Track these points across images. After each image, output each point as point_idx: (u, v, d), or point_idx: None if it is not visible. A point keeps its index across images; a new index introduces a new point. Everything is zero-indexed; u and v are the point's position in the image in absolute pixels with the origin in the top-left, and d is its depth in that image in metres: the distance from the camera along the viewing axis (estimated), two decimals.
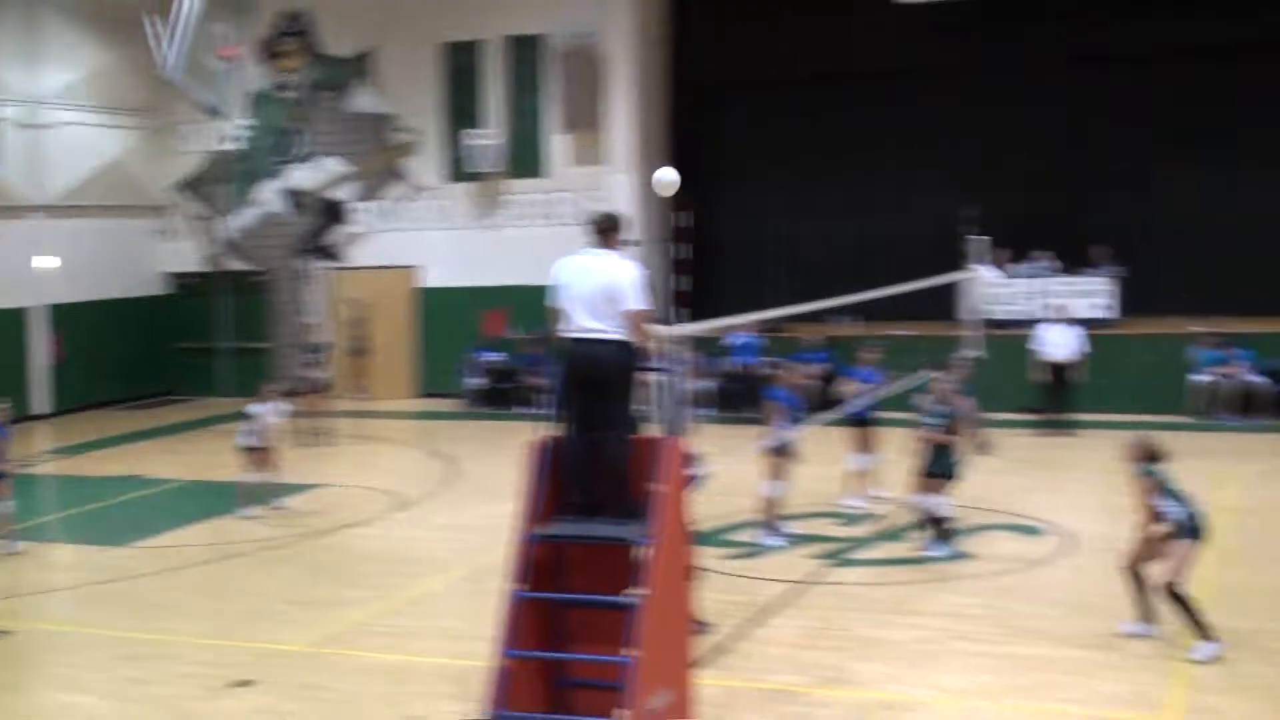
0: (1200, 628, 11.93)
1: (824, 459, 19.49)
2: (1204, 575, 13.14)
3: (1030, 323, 27.50)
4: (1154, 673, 11.55)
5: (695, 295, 31.18)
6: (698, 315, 26.37)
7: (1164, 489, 12.27)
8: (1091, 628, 12.81)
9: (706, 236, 33.30)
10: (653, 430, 10.51)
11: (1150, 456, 12.44)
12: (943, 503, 15.89)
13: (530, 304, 28.64)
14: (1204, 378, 25.69)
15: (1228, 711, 10.65)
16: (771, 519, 16.65)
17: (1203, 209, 30.66)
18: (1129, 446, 12.52)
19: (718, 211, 33.81)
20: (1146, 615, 12.52)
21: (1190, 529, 12.14)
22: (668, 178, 10.79)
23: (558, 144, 31.50)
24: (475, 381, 30.43)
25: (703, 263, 32.94)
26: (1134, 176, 31.03)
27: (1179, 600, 11.97)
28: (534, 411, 28.17)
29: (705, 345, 28.46)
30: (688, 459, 10.25)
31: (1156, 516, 12.23)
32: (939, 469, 15.90)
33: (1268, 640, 12.33)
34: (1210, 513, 15.00)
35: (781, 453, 16.36)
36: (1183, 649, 11.99)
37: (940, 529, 15.94)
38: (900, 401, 20.02)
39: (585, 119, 31.00)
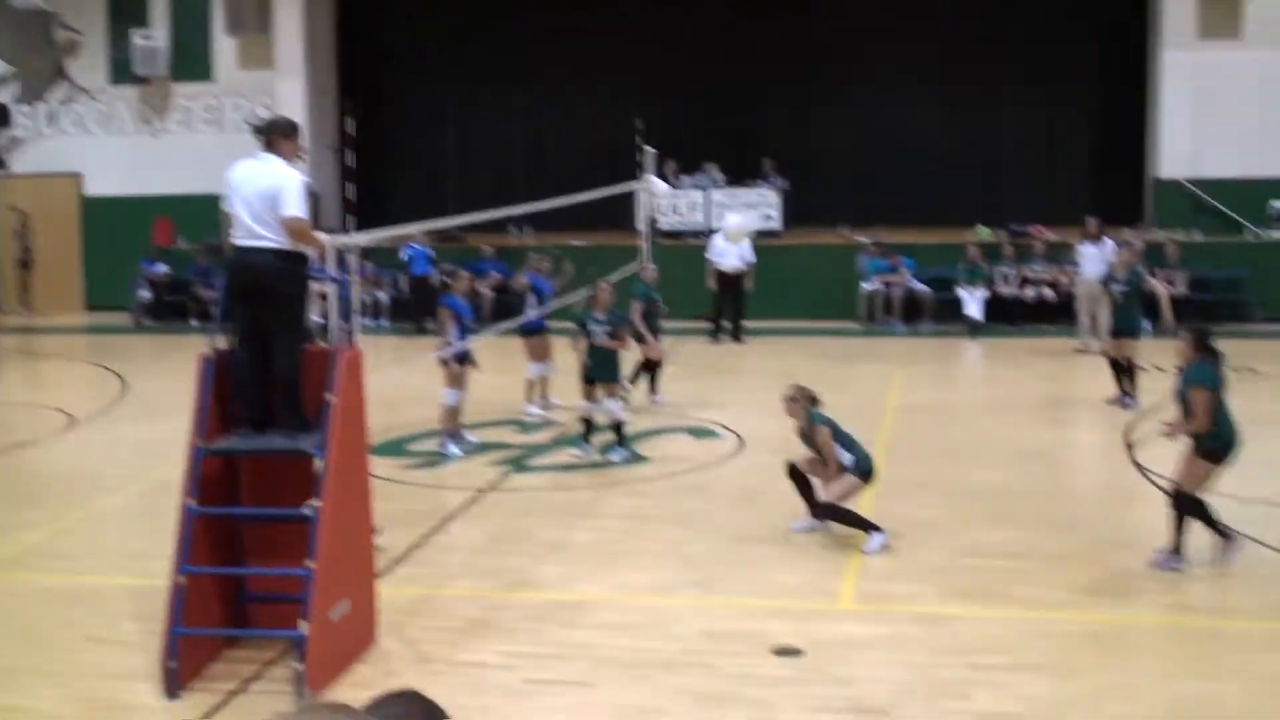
0: (864, 525, 12.27)
1: (502, 368, 19.43)
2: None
3: (701, 233, 27.92)
4: (827, 564, 11.83)
5: (367, 204, 30.67)
6: (370, 224, 25.94)
7: (837, 434, 12.51)
8: (766, 524, 13.05)
9: (378, 144, 32.81)
10: (324, 341, 10.24)
11: (812, 401, 12.68)
12: (615, 407, 15.98)
13: (199, 213, 27.83)
14: (870, 286, 26.46)
15: (895, 593, 11.00)
16: (452, 428, 16.51)
17: (865, 125, 31.57)
18: (789, 400, 12.69)
19: (390, 119, 33.35)
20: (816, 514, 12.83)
21: (863, 472, 12.46)
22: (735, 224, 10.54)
23: (225, 46, 30.50)
24: (145, 294, 29.39)
25: (375, 171, 32.46)
26: (799, 93, 31.71)
27: (836, 514, 12.28)
28: (206, 324, 27.46)
29: (378, 255, 28.07)
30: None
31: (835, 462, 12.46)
32: (606, 375, 15.99)
33: (929, 527, 12.78)
34: (880, 412, 15.44)
35: (458, 361, 16.22)
36: (856, 541, 12.32)
37: (618, 433, 16.05)
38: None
39: (251, 20, 30.04)
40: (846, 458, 12.48)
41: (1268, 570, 11.53)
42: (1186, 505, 11.34)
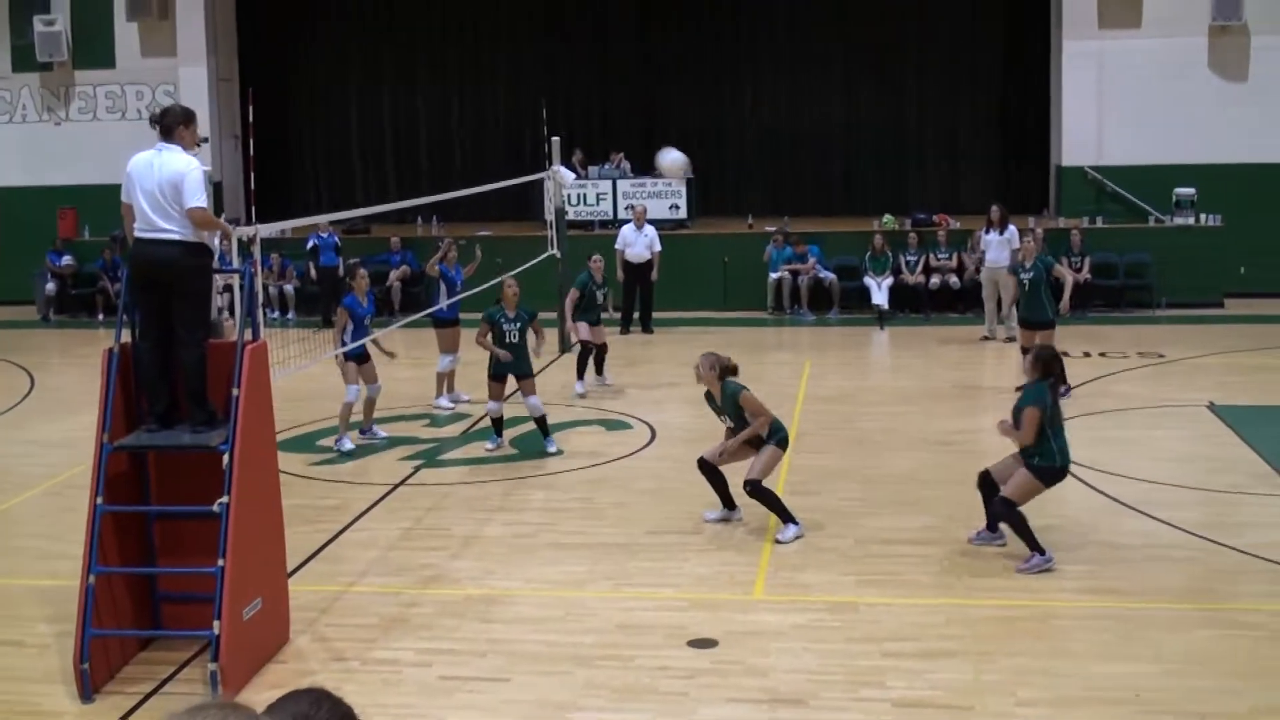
0: (782, 513, 12.31)
1: (413, 360, 19.29)
2: (785, 461, 13.58)
3: (609, 223, 27.87)
4: (740, 554, 11.86)
5: (271, 194, 30.44)
6: (274, 215, 25.71)
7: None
8: (679, 515, 13.06)
9: (282, 133, 32.51)
10: (229, 334, 10.12)
11: (727, 371, 12.70)
12: (535, 402, 15.88)
13: (104, 204, 27.31)
14: (778, 275, 26.53)
15: (808, 582, 11.05)
16: (353, 424, 16.38)
17: (772, 115, 31.67)
18: (705, 370, 12.69)
19: (295, 107, 33.05)
20: (728, 503, 12.85)
21: (779, 440, 12.49)
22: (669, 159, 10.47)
23: (127, 32, 30.05)
24: (50, 288, 28.88)
25: (279, 161, 32.17)
26: (705, 81, 31.75)
27: (762, 495, 12.30)
28: (110, 319, 27.07)
29: (283, 247, 27.80)
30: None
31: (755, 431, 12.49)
32: (521, 369, 15.91)
33: (840, 516, 12.83)
34: (791, 402, 15.55)
35: (355, 358, 16.13)
36: (768, 531, 12.35)
37: (542, 426, 15.88)
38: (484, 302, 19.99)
39: (153, 5, 29.62)
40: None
41: (1181, 553, 11.69)
42: (1007, 514, 11.45)
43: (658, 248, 24.82)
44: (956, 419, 17.25)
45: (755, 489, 12.30)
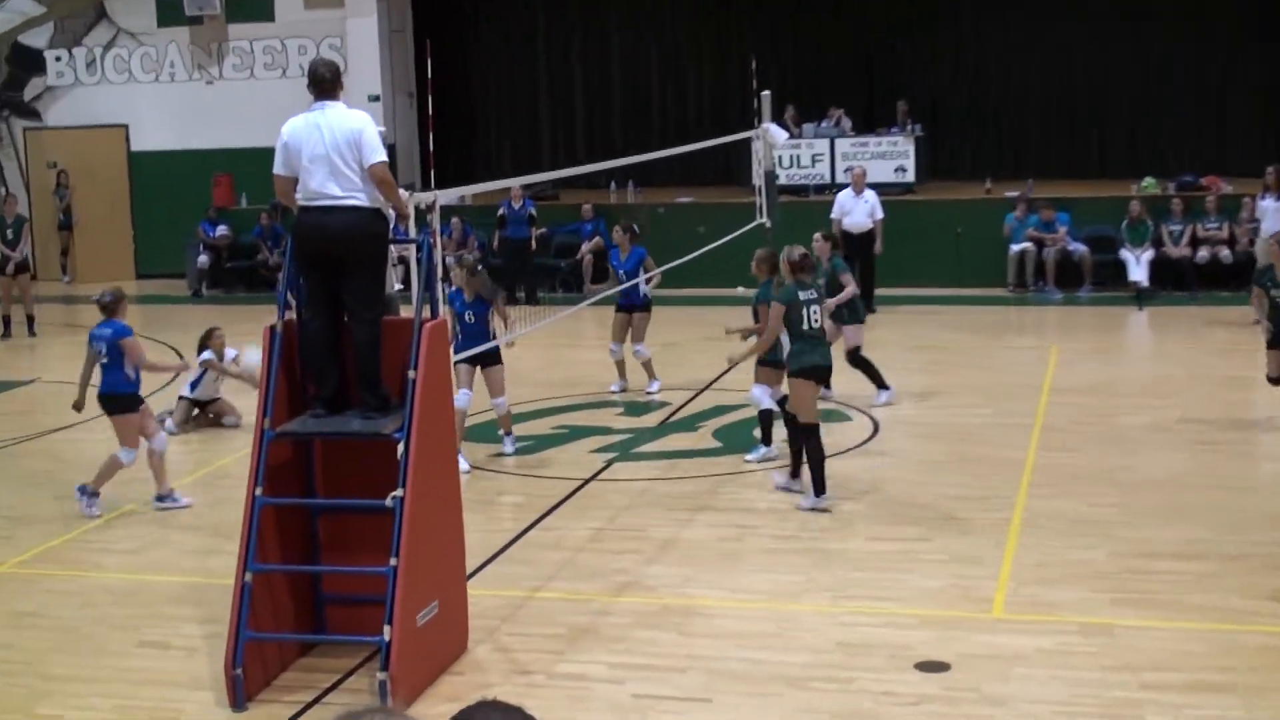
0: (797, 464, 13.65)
1: (590, 342, 19.36)
2: (1016, 456, 13.42)
3: (825, 187, 27.74)
4: (978, 564, 11.73)
5: (450, 157, 30.78)
6: (453, 180, 26.02)
7: (793, 316, 13.21)
8: (907, 519, 12.96)
9: (462, 90, 32.88)
10: (406, 310, 10.26)
11: (781, 268, 13.47)
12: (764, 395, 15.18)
13: (261, 170, 27.74)
14: (1019, 247, 26.15)
15: (1055, 600, 10.85)
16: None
17: (1013, 63, 31.17)
18: (757, 261, 14.01)
19: (476, 61, 33.39)
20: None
21: (795, 369, 13.35)
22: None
23: None
24: (202, 260, 29.61)
25: (458, 120, 32.52)
26: (938, 26, 31.41)
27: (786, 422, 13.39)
28: (269, 293, 27.65)
29: (464, 215, 28.14)
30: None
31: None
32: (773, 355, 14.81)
33: (1092, 525, 12.61)
34: (1034, 394, 15.37)
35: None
36: (1009, 541, 12.19)
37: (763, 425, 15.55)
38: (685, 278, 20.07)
39: None
40: (786, 344, 13.42)
41: None
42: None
43: (880, 215, 24.60)
44: (1229, 414, 16.84)
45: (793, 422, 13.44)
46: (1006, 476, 14.23)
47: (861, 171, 25.25)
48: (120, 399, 13.91)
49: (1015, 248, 26.15)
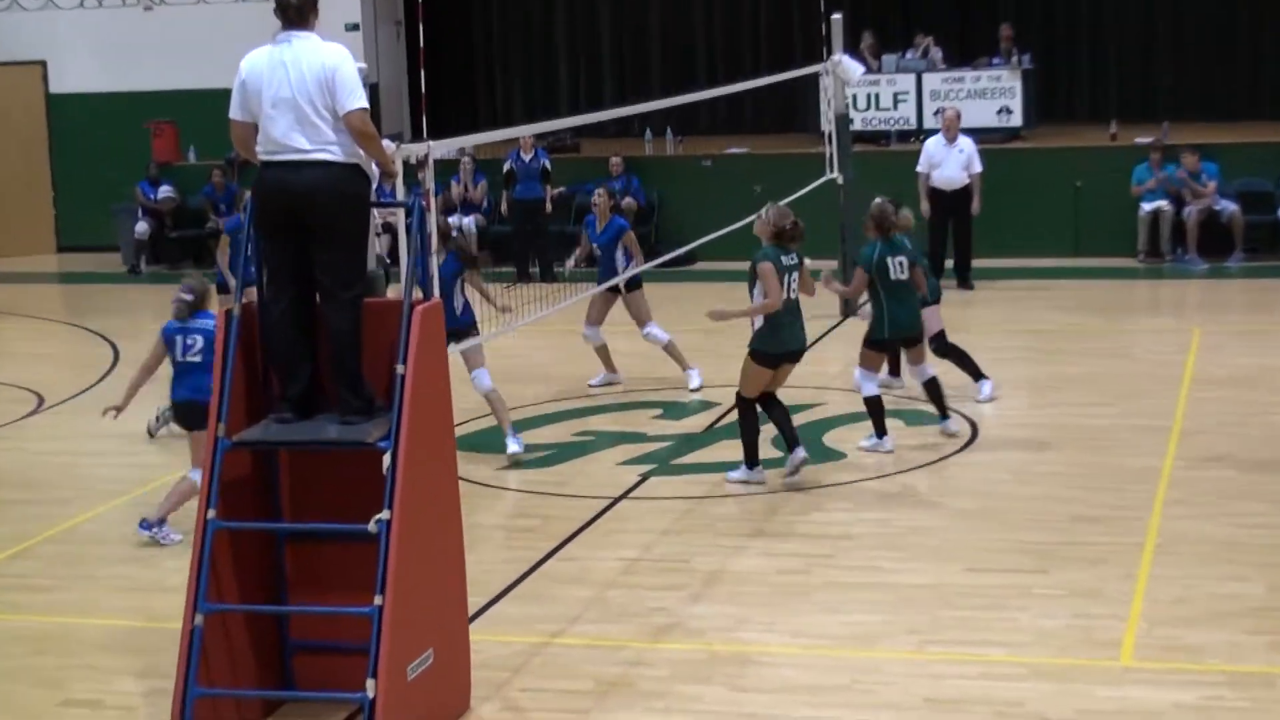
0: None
1: (624, 328, 19.34)
2: (1149, 466, 13.41)
3: (910, 134, 27.71)
4: (1101, 599, 11.71)
5: (446, 100, 30.86)
6: (450, 128, 26.06)
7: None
8: (1015, 545, 12.94)
9: (461, 18, 32.92)
10: (392, 289, 10.27)
11: (778, 234, 14.50)
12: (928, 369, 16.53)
13: (213, 115, 27.81)
14: (1151, 206, 26.07)
15: (1199, 644, 10.81)
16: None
17: None
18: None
19: None
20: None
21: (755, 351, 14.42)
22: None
23: None
24: (140, 228, 29.66)
25: (456, 56, 32.58)
26: None
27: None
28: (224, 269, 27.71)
29: (461, 171, 28.14)
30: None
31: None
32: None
33: (1244, 551, 12.57)
34: (1173, 386, 15.35)
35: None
36: (1140, 572, 12.18)
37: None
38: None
39: None
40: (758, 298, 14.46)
41: None
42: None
43: (978, 168, 24.56)
44: None
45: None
46: (1138, 491, 14.19)
47: (955, 114, 25.19)
48: (203, 409, 13.86)
49: (1147, 207, 26.09)
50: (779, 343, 14.46)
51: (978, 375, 17.48)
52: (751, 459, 14.77)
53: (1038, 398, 17.89)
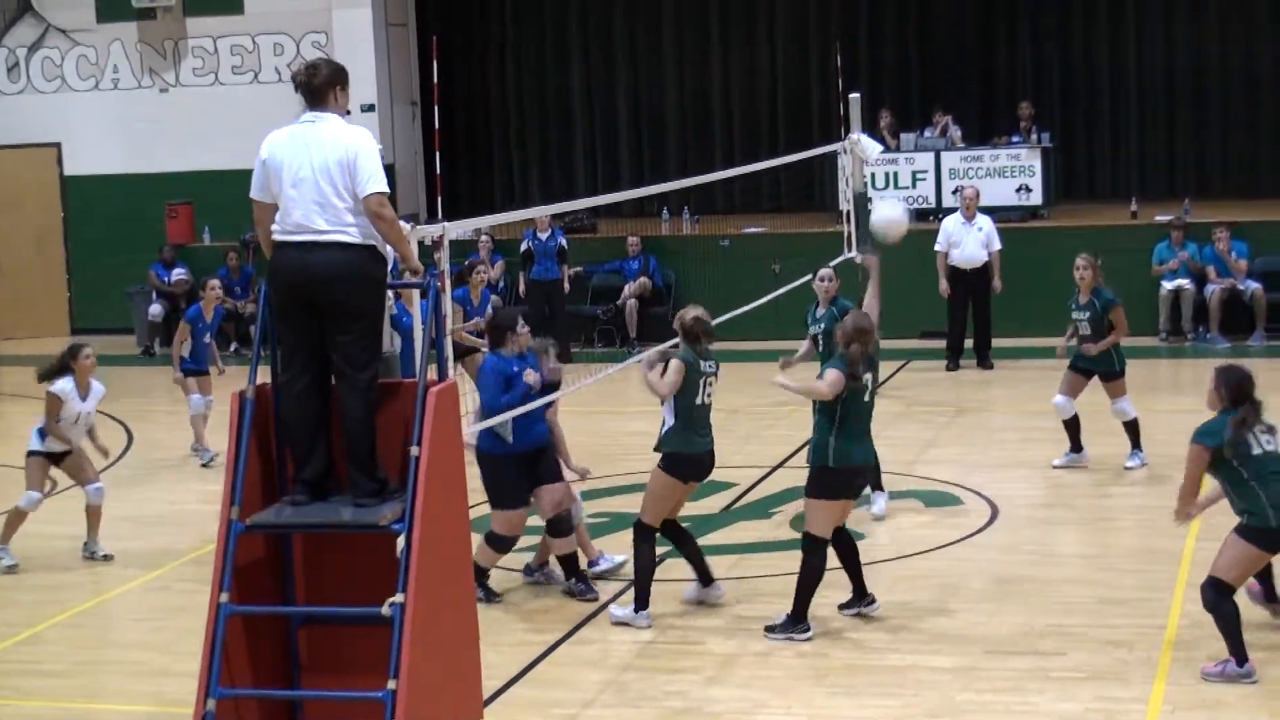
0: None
1: (645, 408, 19.33)
2: (1172, 548, 13.37)
3: (929, 213, 27.74)
4: (1125, 682, 11.72)
5: (462, 180, 30.94)
6: (466, 208, 26.14)
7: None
8: (1033, 628, 12.94)
9: (477, 98, 33.02)
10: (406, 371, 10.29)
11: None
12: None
13: (229, 197, 28.01)
14: (1173, 284, 26.08)
15: None
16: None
17: (1161, 56, 31.11)
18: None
19: (495, 63, 33.49)
20: None
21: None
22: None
23: None
24: (154, 310, 29.73)
25: (471, 135, 32.67)
26: (1067, 9, 31.39)
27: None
28: (241, 352, 27.78)
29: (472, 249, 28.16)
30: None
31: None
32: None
33: (1269, 628, 12.55)
34: None
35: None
36: (1162, 654, 12.16)
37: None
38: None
39: None
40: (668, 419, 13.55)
41: None
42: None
43: (997, 246, 24.57)
44: None
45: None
46: (1160, 573, 14.19)
47: (974, 192, 25.24)
48: None
49: (1168, 285, 26.09)
50: (698, 448, 13.64)
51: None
52: (641, 600, 13.58)
53: (1059, 477, 17.88)
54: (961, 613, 13.48)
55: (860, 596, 13.45)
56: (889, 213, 18.28)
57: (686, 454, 13.54)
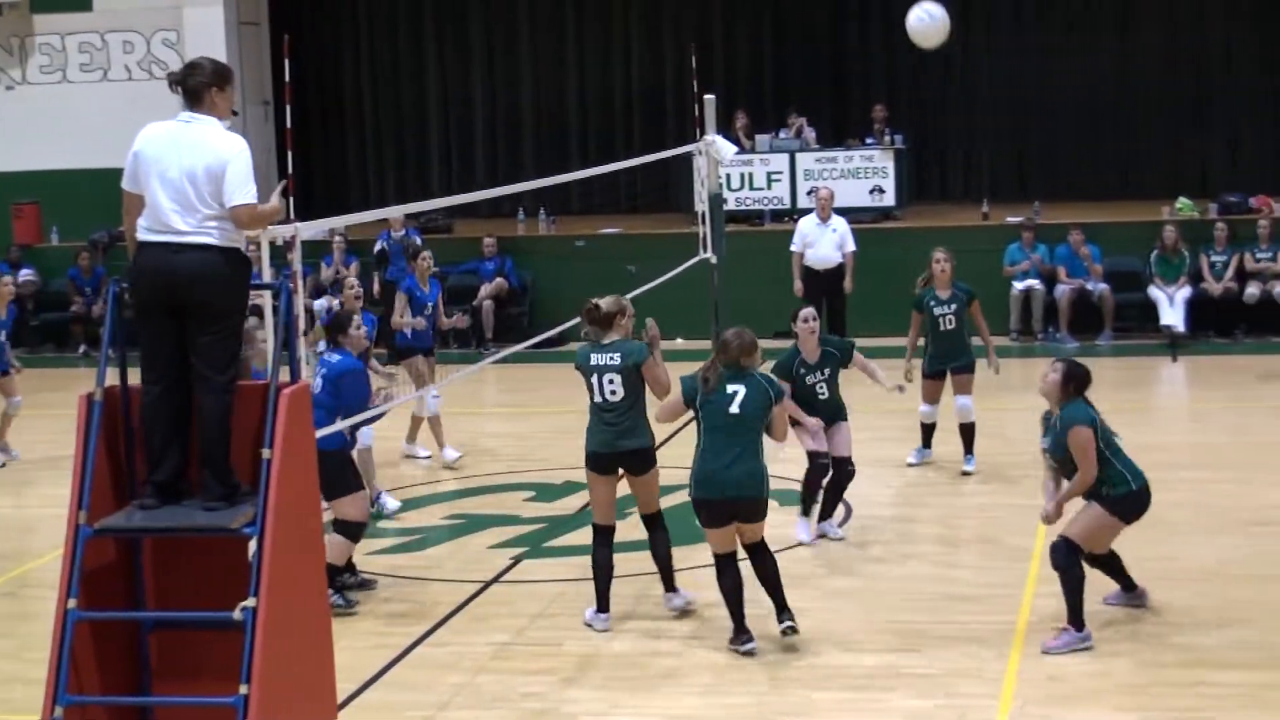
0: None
1: (512, 410, 19.39)
2: (1022, 545, 13.51)
3: (784, 214, 27.86)
4: (975, 679, 11.84)
5: (315, 181, 30.79)
6: (320, 208, 26.03)
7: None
8: (889, 625, 13.07)
9: (331, 97, 32.88)
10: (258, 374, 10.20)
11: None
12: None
13: (77, 196, 27.80)
14: (1024, 285, 26.32)
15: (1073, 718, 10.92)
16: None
17: (1013, 60, 31.37)
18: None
19: (350, 62, 33.37)
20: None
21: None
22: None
23: None
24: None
25: (325, 135, 32.54)
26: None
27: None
28: (93, 353, 27.49)
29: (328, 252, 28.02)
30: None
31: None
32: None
33: (1113, 624, 12.68)
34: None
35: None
36: (1006, 646, 12.25)
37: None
38: None
39: None
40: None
41: None
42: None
43: (852, 248, 24.64)
44: None
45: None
46: (1011, 570, 14.31)
47: (829, 193, 25.25)
48: None
49: (1019, 286, 26.33)
50: (598, 442, 13.42)
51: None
52: (601, 602, 13.49)
53: (910, 477, 18.00)
54: (814, 611, 13.48)
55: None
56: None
57: (589, 450, 13.39)
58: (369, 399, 14.18)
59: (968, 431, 17.94)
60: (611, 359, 13.28)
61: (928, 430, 18.37)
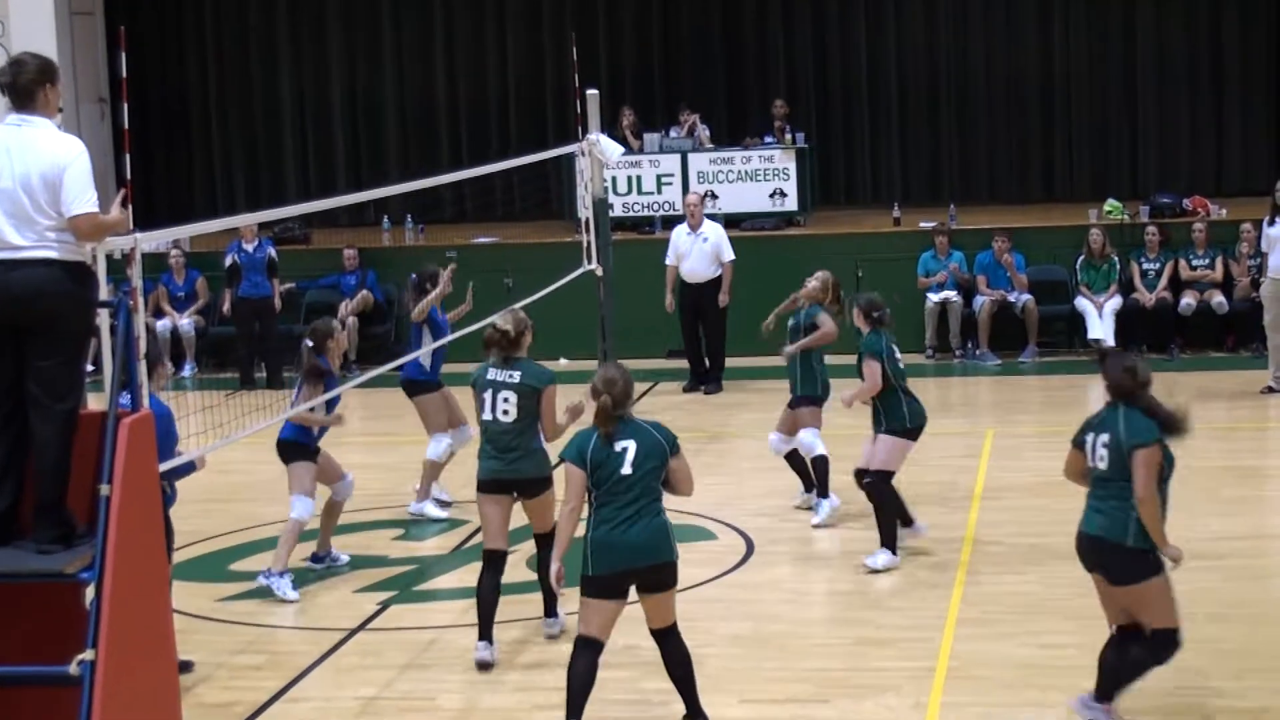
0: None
1: (376, 440, 19.33)
2: (938, 582, 13.59)
3: (677, 220, 27.91)
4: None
5: (155, 186, 30.63)
6: (161, 217, 25.88)
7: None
8: (794, 674, 13.12)
9: (173, 94, 32.73)
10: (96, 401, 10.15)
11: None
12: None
13: None
14: (939, 296, 26.37)
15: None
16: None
17: (925, 52, 31.56)
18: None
19: (195, 57, 33.25)
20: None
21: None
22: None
23: None
24: None
25: (166, 135, 32.37)
26: (826, 4, 31.71)
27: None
28: None
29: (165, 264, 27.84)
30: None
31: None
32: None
33: (1045, 670, 12.78)
34: (963, 496, 15.63)
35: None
36: (923, 695, 12.33)
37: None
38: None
39: None
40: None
41: None
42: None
43: (729, 257, 24.53)
44: (1227, 519, 17.12)
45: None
46: (927, 612, 14.38)
47: (696, 198, 25.24)
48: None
49: (934, 298, 26.38)
50: (491, 468, 13.56)
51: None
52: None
53: (812, 513, 18.04)
54: (713, 659, 13.50)
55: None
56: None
57: (479, 477, 13.54)
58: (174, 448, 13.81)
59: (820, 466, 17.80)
60: (510, 376, 13.35)
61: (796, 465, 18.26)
